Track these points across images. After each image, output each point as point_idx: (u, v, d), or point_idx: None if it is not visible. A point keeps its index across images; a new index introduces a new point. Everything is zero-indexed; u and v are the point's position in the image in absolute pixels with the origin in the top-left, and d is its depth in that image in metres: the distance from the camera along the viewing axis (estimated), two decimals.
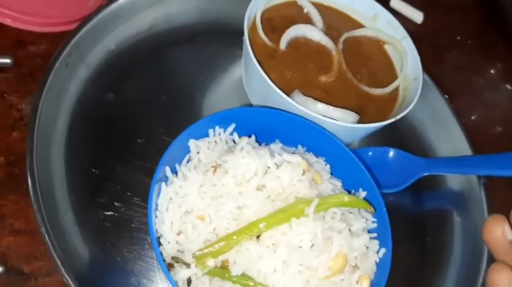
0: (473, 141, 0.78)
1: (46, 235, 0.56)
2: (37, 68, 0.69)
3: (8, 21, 0.71)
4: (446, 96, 0.81)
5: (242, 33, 0.65)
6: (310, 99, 0.64)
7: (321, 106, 0.64)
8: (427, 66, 0.75)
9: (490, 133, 0.90)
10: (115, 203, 0.63)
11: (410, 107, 0.67)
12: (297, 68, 0.69)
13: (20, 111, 0.67)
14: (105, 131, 0.68)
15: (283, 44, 0.70)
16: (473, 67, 0.96)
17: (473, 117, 0.89)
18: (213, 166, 0.56)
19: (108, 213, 0.62)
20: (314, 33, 0.72)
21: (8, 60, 0.69)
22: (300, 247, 0.52)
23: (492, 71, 0.98)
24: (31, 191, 0.58)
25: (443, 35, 0.98)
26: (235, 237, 0.51)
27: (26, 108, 0.66)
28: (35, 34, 0.72)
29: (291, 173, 0.55)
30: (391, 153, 0.73)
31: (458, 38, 0.98)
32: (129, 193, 0.64)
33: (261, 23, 0.70)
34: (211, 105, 0.73)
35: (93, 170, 0.64)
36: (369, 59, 0.75)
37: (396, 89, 0.73)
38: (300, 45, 0.71)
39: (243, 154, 0.56)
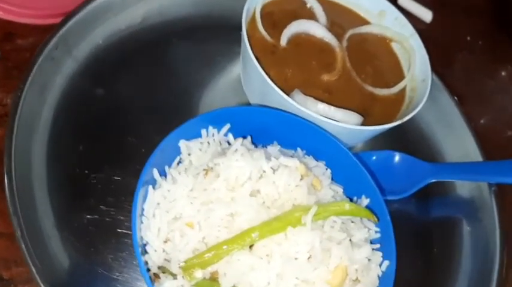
0: (483, 146, 0.77)
1: (21, 240, 0.54)
2: (24, 62, 0.67)
3: (0, 14, 0.70)
4: (455, 98, 0.80)
5: (241, 29, 0.64)
6: (310, 99, 0.63)
7: (321, 106, 0.62)
8: (436, 67, 0.73)
9: (500, 137, 0.89)
10: (101, 207, 0.61)
11: (418, 109, 0.65)
12: (297, 66, 0.68)
13: (5, 107, 0.65)
14: (92, 128, 0.66)
15: (283, 40, 0.68)
16: (483, 69, 0.96)
17: (482, 121, 0.89)
18: (204, 169, 0.55)
19: (93, 217, 0.60)
20: (317, 29, 0.71)
21: None
22: (296, 258, 0.50)
23: (503, 73, 0.97)
24: (7, 190, 0.56)
25: (452, 35, 0.97)
26: (225, 247, 0.50)
27: (11, 104, 0.64)
28: (25, 26, 0.71)
29: (287, 178, 0.54)
30: (397, 157, 0.71)
31: (468, 38, 0.98)
32: (116, 196, 0.62)
33: (261, 17, 0.68)
34: (207, 104, 0.72)
35: (78, 170, 0.62)
36: (374, 58, 0.73)
37: (403, 90, 0.71)
38: (301, 41, 0.70)
39: (236, 157, 0.54)
